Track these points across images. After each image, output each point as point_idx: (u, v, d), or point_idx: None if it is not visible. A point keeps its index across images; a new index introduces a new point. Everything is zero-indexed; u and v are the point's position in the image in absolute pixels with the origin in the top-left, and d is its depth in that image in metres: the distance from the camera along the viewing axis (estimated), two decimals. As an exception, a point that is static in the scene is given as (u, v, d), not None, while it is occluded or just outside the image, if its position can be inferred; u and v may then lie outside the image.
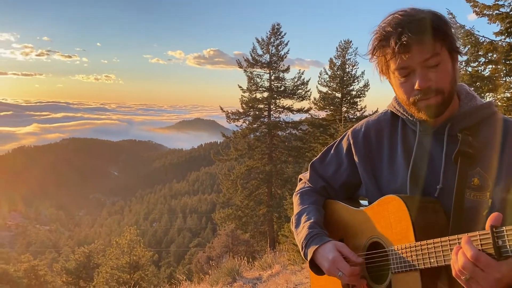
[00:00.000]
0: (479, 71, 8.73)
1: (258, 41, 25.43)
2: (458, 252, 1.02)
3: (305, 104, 25.67)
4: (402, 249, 1.21)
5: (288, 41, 25.47)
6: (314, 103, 25.87)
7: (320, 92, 25.92)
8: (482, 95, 8.72)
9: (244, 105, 24.90)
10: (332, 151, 1.59)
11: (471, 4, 8.65)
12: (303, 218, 1.50)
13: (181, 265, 42.46)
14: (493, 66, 8.69)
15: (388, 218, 1.27)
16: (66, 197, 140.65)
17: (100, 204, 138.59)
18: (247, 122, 24.96)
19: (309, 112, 25.72)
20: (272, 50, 25.30)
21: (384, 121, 1.47)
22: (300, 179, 1.71)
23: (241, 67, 25.39)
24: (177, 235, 72.36)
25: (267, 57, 25.28)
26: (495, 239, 0.94)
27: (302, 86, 25.72)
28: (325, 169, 1.59)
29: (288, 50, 25.54)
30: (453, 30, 1.25)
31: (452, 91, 1.25)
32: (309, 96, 25.78)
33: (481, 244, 0.97)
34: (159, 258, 55.08)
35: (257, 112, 25.03)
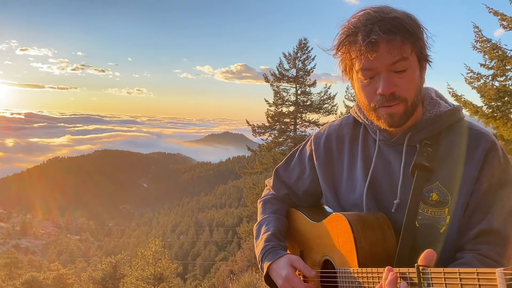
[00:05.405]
0: (507, 85, 8.47)
1: (285, 56, 25.53)
2: None
3: (331, 118, 25.46)
4: (348, 272, 1.14)
5: (315, 56, 25.48)
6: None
7: (347, 106, 25.72)
8: (510, 110, 8.45)
9: (270, 119, 24.94)
10: (296, 157, 1.50)
11: (499, 17, 8.43)
12: (263, 229, 1.43)
13: (207, 279, 42.40)
14: (523, 81, 8.41)
15: (337, 238, 1.20)
16: (97, 207, 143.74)
17: (130, 215, 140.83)
18: (272, 136, 24.97)
19: (336, 126, 25.54)
20: (298, 64, 25.32)
21: (346, 127, 1.36)
22: (266, 185, 1.61)
23: (267, 81, 25.51)
24: (204, 248, 72.46)
25: (293, 71, 25.31)
26: (421, 280, 0.87)
27: (329, 101, 25.58)
28: (288, 176, 1.49)
29: (315, 65, 25.50)
30: (425, 36, 1.14)
31: (416, 101, 1.15)
32: (336, 111, 25.65)
33: (410, 283, 0.90)
34: (185, 270, 55.26)
35: (283, 126, 25.01)
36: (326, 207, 1.43)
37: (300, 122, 25.18)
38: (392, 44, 1.07)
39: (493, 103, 9.09)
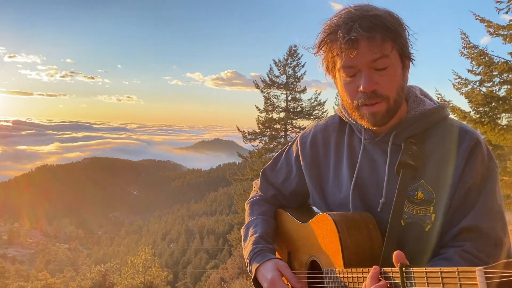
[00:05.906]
0: (494, 91, 8.59)
1: (275, 62, 25.67)
2: None
3: (321, 124, 25.65)
4: (334, 273, 1.14)
5: (305, 62, 25.64)
6: (331, 124, 25.82)
7: (336, 113, 25.94)
8: (498, 115, 8.57)
9: (260, 125, 25.00)
10: (283, 157, 1.49)
11: (485, 24, 8.57)
12: (250, 231, 1.42)
13: (198, 287, 42.09)
14: (509, 86, 8.51)
15: (323, 238, 1.19)
16: (86, 215, 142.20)
17: (119, 223, 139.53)
18: (263, 142, 25.02)
19: (326, 132, 25.65)
20: (288, 71, 25.46)
21: (332, 126, 1.37)
22: (254, 187, 1.61)
23: (258, 87, 25.58)
24: (194, 256, 72.00)
25: (283, 78, 25.44)
26: (404, 280, 0.88)
27: (319, 107, 25.73)
28: (275, 177, 1.49)
29: (305, 72, 25.66)
30: (407, 34, 1.14)
31: (398, 100, 1.14)
32: (326, 117, 25.80)
33: (394, 283, 0.91)
34: (176, 279, 54.80)
35: (273, 132, 25.08)
36: (314, 208, 1.42)
37: (290, 128, 25.26)
38: (372, 42, 1.07)
39: (480, 109, 9.22)
